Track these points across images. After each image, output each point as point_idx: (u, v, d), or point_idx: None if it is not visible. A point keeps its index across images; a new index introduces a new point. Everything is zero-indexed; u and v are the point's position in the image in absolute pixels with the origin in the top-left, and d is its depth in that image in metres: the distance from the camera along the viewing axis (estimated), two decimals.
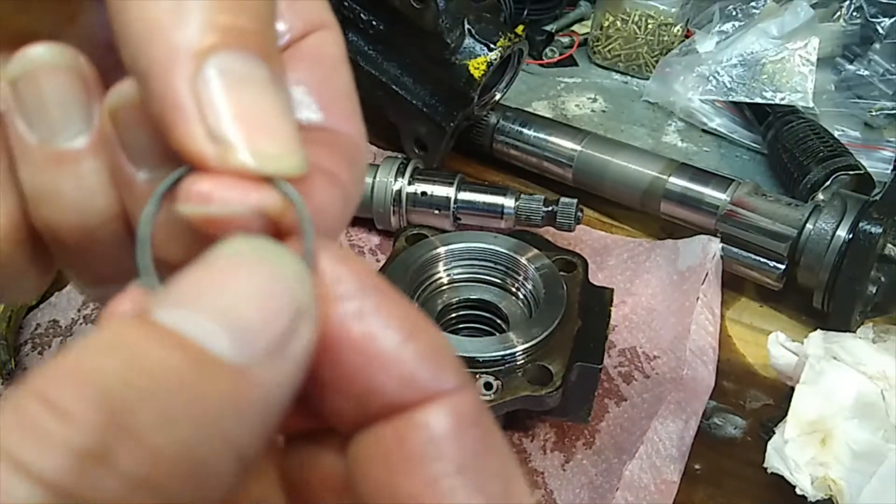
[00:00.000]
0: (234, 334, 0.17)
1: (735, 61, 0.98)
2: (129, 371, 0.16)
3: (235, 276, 0.18)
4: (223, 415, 0.17)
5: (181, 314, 0.17)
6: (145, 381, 0.16)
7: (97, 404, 0.16)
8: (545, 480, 0.61)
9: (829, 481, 0.54)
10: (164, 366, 0.16)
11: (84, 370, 0.16)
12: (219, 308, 0.17)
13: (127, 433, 0.16)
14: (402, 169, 0.78)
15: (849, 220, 0.70)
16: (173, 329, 0.17)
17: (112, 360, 0.16)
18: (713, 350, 0.70)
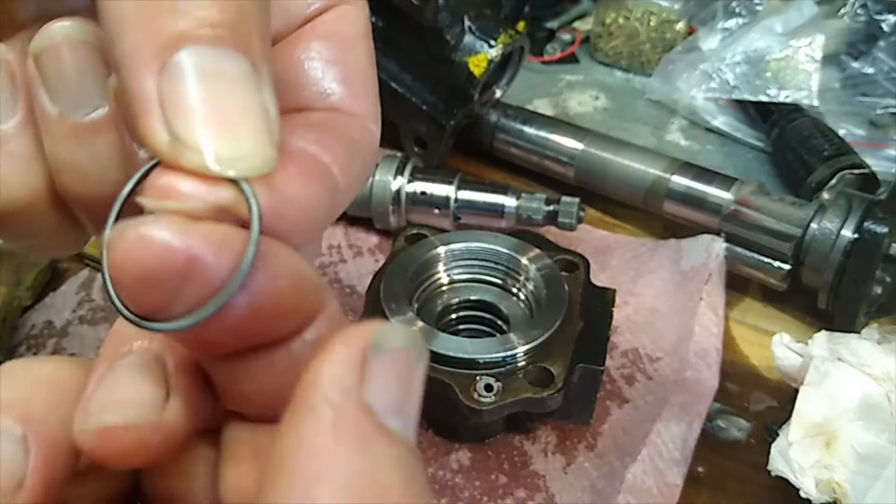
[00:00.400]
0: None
1: (739, 59, 0.97)
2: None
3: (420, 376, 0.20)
4: None
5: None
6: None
7: None
8: (546, 483, 0.61)
9: (833, 484, 0.54)
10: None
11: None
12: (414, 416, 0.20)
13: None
14: (402, 167, 0.77)
15: (854, 220, 0.69)
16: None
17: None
18: (717, 351, 0.70)
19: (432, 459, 0.62)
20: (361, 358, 0.19)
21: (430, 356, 0.21)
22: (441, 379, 0.57)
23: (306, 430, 0.18)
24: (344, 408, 0.18)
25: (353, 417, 0.18)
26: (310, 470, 0.17)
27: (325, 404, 0.18)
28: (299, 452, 0.18)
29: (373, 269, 0.72)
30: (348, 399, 0.18)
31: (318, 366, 0.19)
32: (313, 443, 0.18)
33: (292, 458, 0.18)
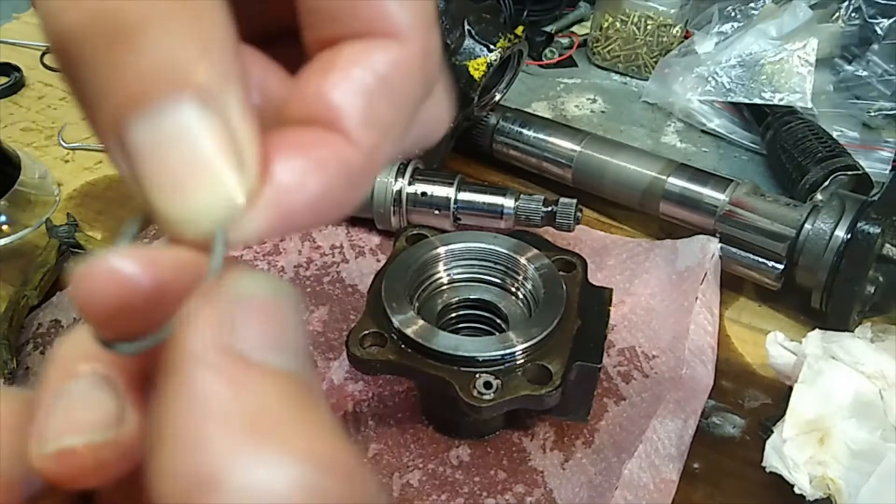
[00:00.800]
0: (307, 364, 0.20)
1: (734, 62, 0.98)
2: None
3: (289, 310, 0.20)
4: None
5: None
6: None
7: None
8: (545, 479, 0.62)
9: (827, 480, 0.55)
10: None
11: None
12: (298, 349, 0.20)
13: None
14: (403, 169, 0.78)
15: (847, 221, 0.70)
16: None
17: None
18: (712, 349, 0.71)
19: (432, 455, 0.63)
20: (222, 313, 0.19)
21: (430, 352, 0.21)
22: (441, 376, 0.58)
23: (181, 394, 0.18)
24: (214, 360, 0.18)
25: (224, 366, 0.18)
26: (193, 422, 0.18)
27: (195, 365, 0.18)
28: (182, 414, 0.18)
29: (374, 269, 0.72)
30: (217, 351, 0.18)
31: (184, 335, 0.19)
32: (193, 400, 0.18)
33: (175, 422, 0.18)
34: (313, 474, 0.17)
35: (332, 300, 0.75)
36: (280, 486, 0.17)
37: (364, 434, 0.64)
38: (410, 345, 0.59)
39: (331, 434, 0.18)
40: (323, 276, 0.78)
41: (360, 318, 0.62)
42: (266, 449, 0.17)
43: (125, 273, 0.19)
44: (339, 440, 0.18)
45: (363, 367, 0.60)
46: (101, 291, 0.19)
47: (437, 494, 0.61)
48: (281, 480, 0.17)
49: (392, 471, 0.62)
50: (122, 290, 0.19)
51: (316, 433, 0.18)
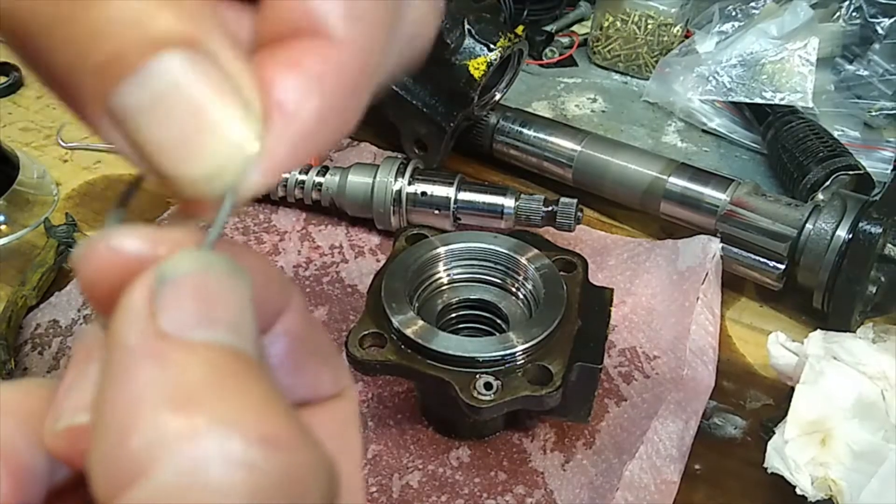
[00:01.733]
0: (253, 340, 0.19)
1: (735, 61, 0.98)
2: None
3: (230, 286, 0.19)
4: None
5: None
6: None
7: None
8: (545, 480, 0.61)
9: (829, 481, 0.54)
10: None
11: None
12: (239, 323, 0.19)
13: None
14: (402, 169, 0.78)
15: (849, 220, 0.70)
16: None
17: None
18: (713, 350, 0.71)
19: (432, 456, 0.63)
20: (149, 296, 0.18)
21: (430, 352, 0.21)
22: (441, 377, 0.58)
23: (112, 377, 0.18)
24: (139, 342, 0.18)
25: (149, 345, 0.18)
26: (118, 406, 0.17)
27: (123, 349, 0.18)
28: (112, 394, 0.17)
29: (374, 269, 0.72)
30: (141, 333, 0.18)
31: (112, 324, 0.18)
32: (121, 382, 0.17)
33: (107, 402, 0.17)
34: (246, 447, 0.16)
35: (331, 300, 0.75)
36: (210, 462, 0.16)
37: (364, 435, 0.64)
38: (410, 345, 0.59)
39: (269, 406, 0.18)
40: (322, 277, 0.78)
41: (359, 319, 0.62)
42: (193, 424, 0.17)
43: (127, 250, 0.19)
44: (281, 413, 0.18)
45: (362, 367, 0.60)
46: (103, 270, 0.19)
47: (437, 496, 0.60)
48: (210, 456, 0.16)
49: (392, 472, 0.62)
50: (124, 267, 0.19)
51: (250, 405, 0.17)
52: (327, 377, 0.23)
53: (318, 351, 0.23)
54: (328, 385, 0.23)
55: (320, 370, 0.23)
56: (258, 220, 0.83)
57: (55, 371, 0.68)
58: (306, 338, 0.23)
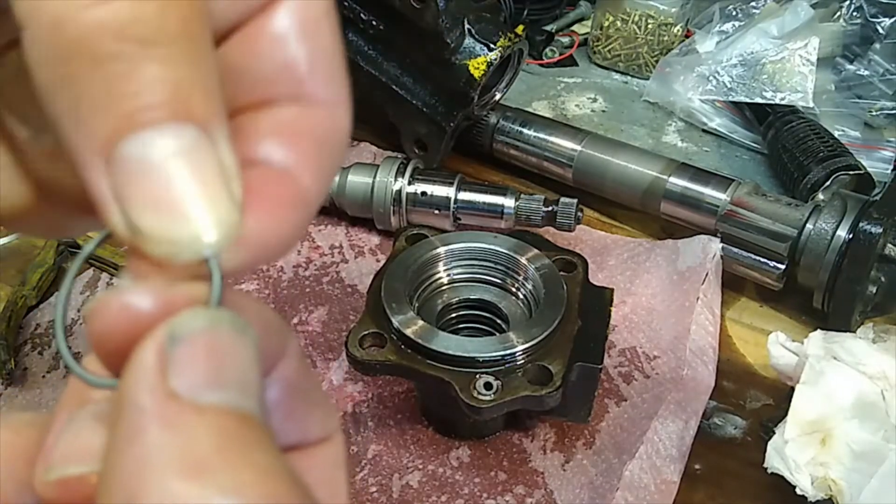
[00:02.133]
0: (258, 399, 0.20)
1: (735, 61, 0.98)
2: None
3: (238, 346, 0.20)
4: None
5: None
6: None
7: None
8: (545, 480, 0.61)
9: (829, 481, 0.54)
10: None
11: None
12: (246, 384, 0.19)
13: None
14: (402, 169, 0.78)
15: (849, 220, 0.70)
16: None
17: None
18: (713, 350, 0.70)
19: (432, 456, 0.63)
20: (160, 355, 0.18)
21: (430, 352, 0.21)
22: (441, 377, 0.58)
23: (123, 439, 0.18)
24: (150, 404, 0.18)
25: (159, 407, 0.18)
26: (132, 466, 0.18)
27: (134, 409, 0.18)
28: (122, 457, 0.18)
29: (374, 269, 0.72)
30: (152, 394, 0.18)
31: (123, 381, 0.19)
32: (132, 444, 0.18)
33: (116, 465, 0.18)
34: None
35: (331, 300, 0.75)
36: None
37: (364, 435, 0.64)
38: (410, 345, 0.59)
39: (275, 474, 0.18)
40: (322, 277, 0.77)
41: (359, 319, 0.62)
42: (203, 493, 0.17)
43: (139, 307, 0.19)
44: (286, 481, 0.18)
45: (362, 367, 0.60)
46: (115, 326, 0.19)
47: (437, 495, 0.60)
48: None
49: (392, 472, 0.62)
50: (136, 324, 0.19)
51: (258, 474, 0.18)
52: (317, 421, 0.23)
53: (310, 396, 0.23)
54: (318, 429, 0.23)
55: (311, 415, 0.23)
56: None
57: (55, 371, 0.68)
58: (299, 383, 0.23)
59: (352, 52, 0.87)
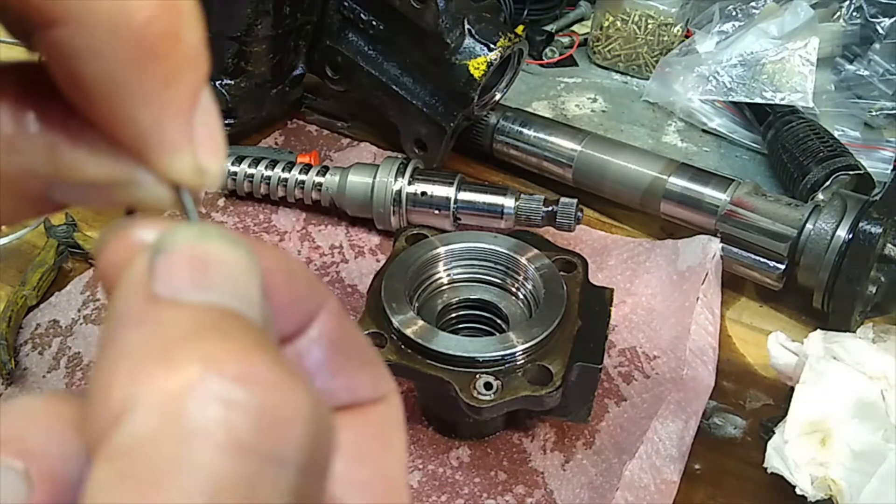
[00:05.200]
0: (253, 305, 0.19)
1: (735, 61, 0.98)
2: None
3: (228, 254, 0.19)
4: None
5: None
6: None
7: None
8: (545, 480, 0.61)
9: (828, 481, 0.54)
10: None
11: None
12: (237, 286, 0.19)
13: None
14: (402, 169, 0.78)
15: (849, 220, 0.70)
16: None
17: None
18: (713, 350, 0.71)
19: (432, 456, 0.63)
20: (146, 266, 0.18)
21: (430, 352, 0.20)
22: (441, 377, 0.58)
23: (103, 345, 0.18)
24: (130, 307, 0.18)
25: (139, 309, 0.18)
26: (108, 364, 0.17)
27: (115, 316, 0.18)
28: (100, 360, 0.18)
29: (374, 269, 0.72)
30: (133, 298, 0.18)
31: (111, 299, 0.19)
32: (110, 346, 0.17)
33: (96, 369, 0.18)
34: (222, 384, 0.16)
35: None
36: (185, 400, 0.16)
37: None
38: (410, 345, 0.59)
39: (253, 349, 0.17)
40: (322, 277, 0.77)
41: (359, 319, 0.62)
42: (170, 366, 0.16)
43: (141, 238, 0.19)
44: (265, 354, 0.17)
45: None
46: (118, 258, 0.19)
47: (437, 495, 0.60)
48: (186, 393, 0.16)
49: None
50: (138, 254, 0.19)
51: (232, 348, 0.17)
52: (366, 381, 0.23)
53: (357, 355, 0.23)
54: (368, 389, 0.23)
55: (358, 374, 0.23)
56: (258, 220, 0.83)
57: (55, 371, 0.68)
58: (343, 341, 0.23)
59: (352, 53, 0.87)
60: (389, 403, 0.23)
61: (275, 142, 0.94)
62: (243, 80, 0.86)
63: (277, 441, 0.16)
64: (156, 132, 0.20)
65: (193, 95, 0.20)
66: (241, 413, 0.16)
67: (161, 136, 0.20)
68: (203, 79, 0.21)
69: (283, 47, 0.87)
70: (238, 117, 0.88)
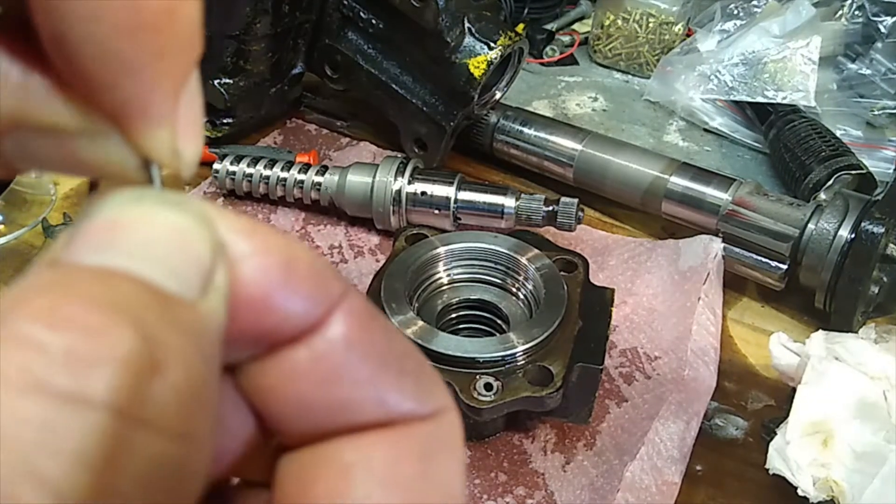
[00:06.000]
0: (172, 270, 0.17)
1: (736, 60, 0.98)
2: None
3: (153, 216, 0.18)
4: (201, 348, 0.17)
5: (112, 257, 0.17)
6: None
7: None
8: (546, 482, 0.61)
9: (830, 482, 0.54)
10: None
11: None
12: (148, 249, 0.17)
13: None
14: (402, 168, 0.78)
15: (851, 220, 0.69)
16: (112, 268, 0.17)
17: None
18: (715, 350, 0.70)
19: None
20: (67, 235, 0.18)
21: (430, 353, 0.19)
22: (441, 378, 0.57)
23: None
24: (35, 274, 0.17)
25: (33, 275, 0.17)
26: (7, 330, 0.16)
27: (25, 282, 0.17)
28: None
29: (373, 269, 0.72)
30: (37, 266, 0.17)
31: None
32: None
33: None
34: (31, 325, 0.15)
35: None
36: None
37: None
38: None
39: (84, 299, 0.16)
40: None
41: None
42: (18, 324, 0.15)
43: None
44: (94, 300, 0.16)
45: None
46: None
47: None
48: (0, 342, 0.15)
49: None
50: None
51: (66, 299, 0.16)
52: (406, 394, 0.20)
53: (393, 363, 0.20)
54: (408, 403, 0.20)
55: (395, 385, 0.20)
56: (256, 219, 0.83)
57: None
58: (371, 346, 0.20)
59: (351, 51, 0.86)
60: (440, 422, 0.20)
61: (274, 141, 0.94)
62: (242, 78, 0.85)
63: (80, 381, 0.15)
64: (139, 101, 0.19)
65: (183, 74, 0.20)
66: (44, 355, 0.15)
67: (144, 105, 0.19)
68: (194, 62, 0.20)
69: (282, 46, 0.86)
70: (237, 116, 0.88)
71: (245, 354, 0.20)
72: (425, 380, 0.20)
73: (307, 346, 0.20)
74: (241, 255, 0.19)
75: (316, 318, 0.20)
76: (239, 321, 0.19)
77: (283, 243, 0.20)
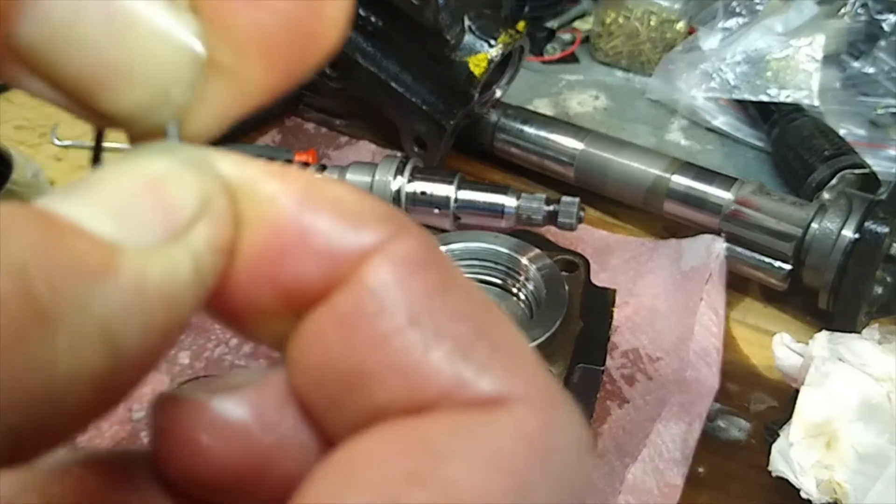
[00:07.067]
0: (118, 218, 0.16)
1: (739, 58, 0.97)
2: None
3: (129, 166, 0.17)
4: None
5: (69, 204, 0.16)
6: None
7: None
8: None
9: (834, 484, 0.54)
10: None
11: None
12: (105, 194, 0.16)
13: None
14: (402, 168, 0.77)
15: (854, 220, 0.69)
16: (49, 211, 0.15)
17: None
18: (717, 351, 0.70)
19: None
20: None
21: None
22: None
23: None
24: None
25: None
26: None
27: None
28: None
29: None
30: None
31: None
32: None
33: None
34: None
35: None
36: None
37: None
38: None
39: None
40: None
41: None
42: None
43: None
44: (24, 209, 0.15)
45: None
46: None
47: None
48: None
49: None
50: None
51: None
52: (462, 370, 0.16)
53: (446, 329, 0.16)
54: (483, 382, 0.16)
55: (449, 357, 0.16)
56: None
57: None
58: (411, 301, 0.16)
59: (350, 49, 0.86)
60: (511, 412, 0.16)
61: (272, 140, 0.93)
62: None
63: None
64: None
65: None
66: None
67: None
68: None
69: None
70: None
71: (280, 326, 0.17)
72: (499, 356, 0.17)
73: (328, 305, 0.17)
74: (266, 197, 0.17)
75: (340, 270, 0.16)
76: (259, 276, 0.17)
77: (297, 177, 0.18)
